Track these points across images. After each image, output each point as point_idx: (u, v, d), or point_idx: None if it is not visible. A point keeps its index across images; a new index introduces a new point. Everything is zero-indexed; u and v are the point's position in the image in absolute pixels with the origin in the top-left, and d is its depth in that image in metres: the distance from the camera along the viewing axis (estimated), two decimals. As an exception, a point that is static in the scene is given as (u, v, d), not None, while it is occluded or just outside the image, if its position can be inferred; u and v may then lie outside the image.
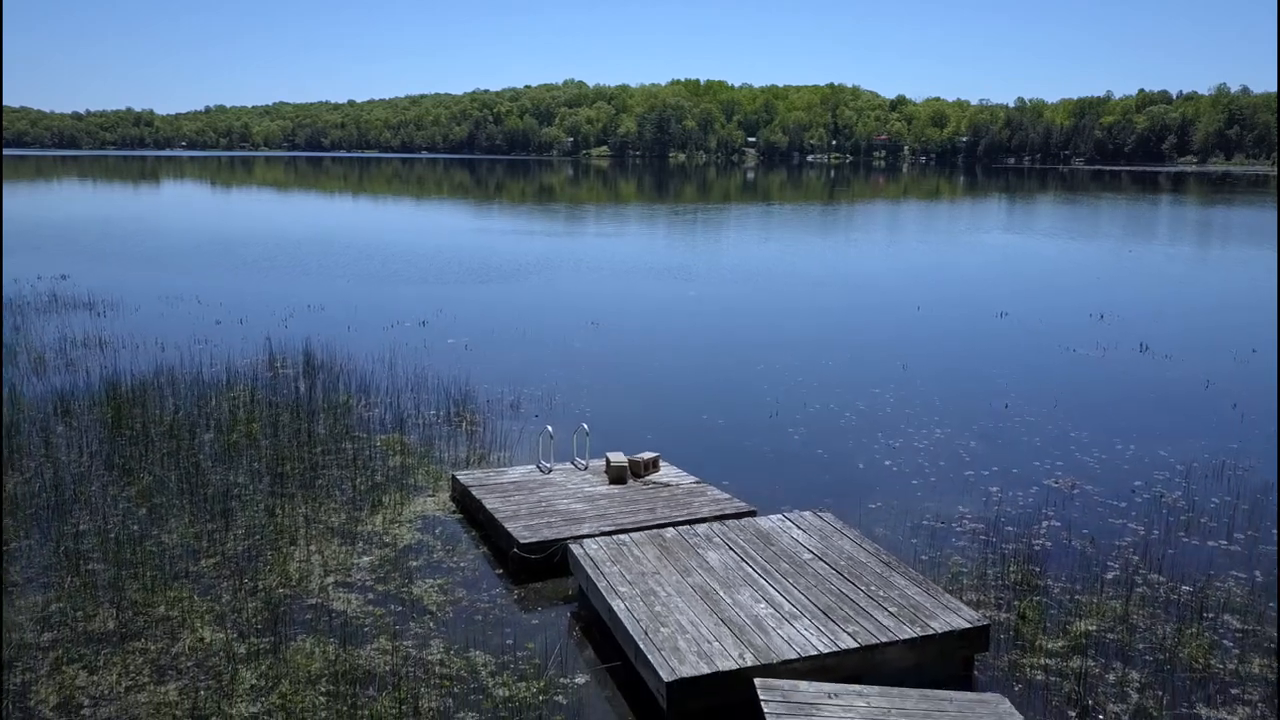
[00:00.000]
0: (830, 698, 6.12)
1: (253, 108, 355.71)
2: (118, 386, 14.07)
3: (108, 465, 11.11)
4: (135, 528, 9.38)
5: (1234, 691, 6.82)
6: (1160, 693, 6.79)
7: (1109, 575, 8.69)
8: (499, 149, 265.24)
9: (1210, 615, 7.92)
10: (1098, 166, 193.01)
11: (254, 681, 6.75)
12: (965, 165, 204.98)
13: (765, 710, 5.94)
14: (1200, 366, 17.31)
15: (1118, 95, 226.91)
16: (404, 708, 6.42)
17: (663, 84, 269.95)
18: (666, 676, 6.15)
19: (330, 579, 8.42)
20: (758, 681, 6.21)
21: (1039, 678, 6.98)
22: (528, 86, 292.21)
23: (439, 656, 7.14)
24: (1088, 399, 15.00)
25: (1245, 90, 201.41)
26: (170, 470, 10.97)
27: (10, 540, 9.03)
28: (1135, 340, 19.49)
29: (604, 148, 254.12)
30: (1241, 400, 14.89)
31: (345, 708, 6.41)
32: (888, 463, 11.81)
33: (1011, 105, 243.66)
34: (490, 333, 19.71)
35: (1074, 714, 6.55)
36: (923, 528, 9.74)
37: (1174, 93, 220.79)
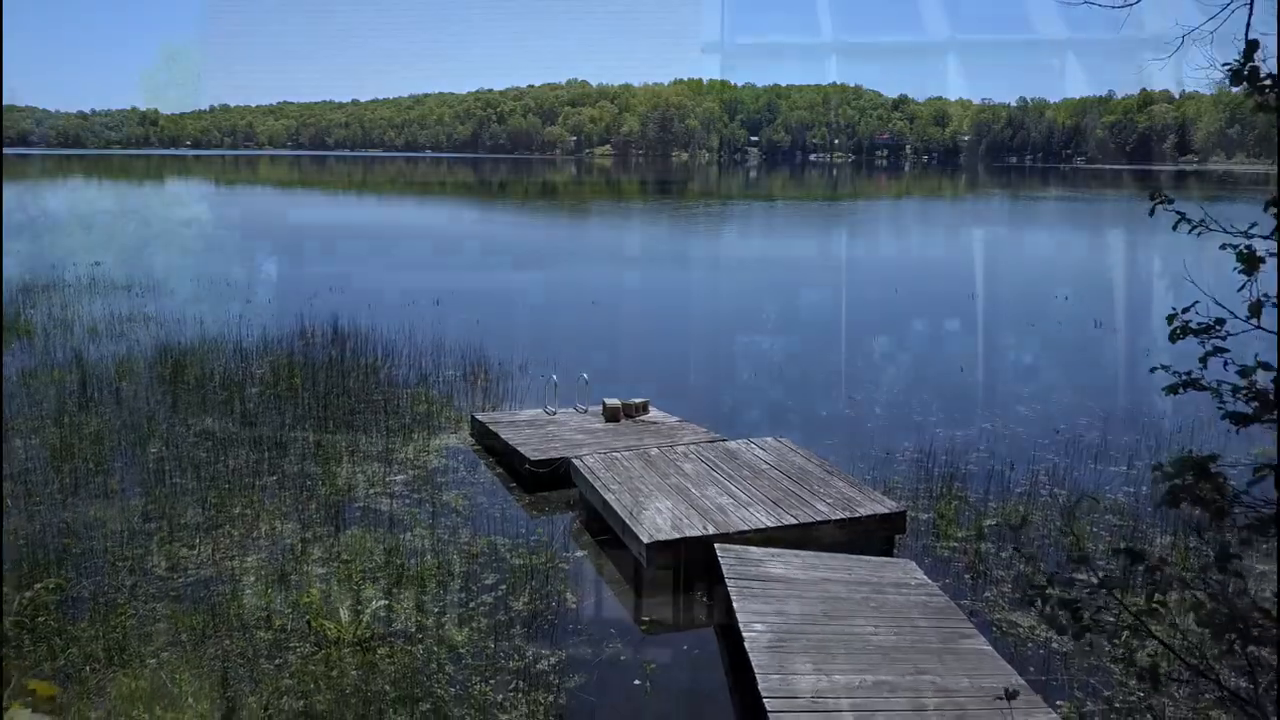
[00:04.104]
0: (772, 557, 7.87)
1: (257, 107, 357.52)
2: (169, 350, 15.86)
3: (173, 409, 12.89)
4: (204, 454, 11.15)
5: (1100, 563, 8.55)
6: (1041, 564, 8.53)
7: (1018, 489, 10.44)
8: (503, 148, 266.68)
9: (1095, 515, 9.67)
10: (1099, 165, 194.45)
11: (321, 553, 8.53)
12: (968, 164, 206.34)
13: (721, 562, 7.69)
14: (1146, 339, 18.99)
15: (1119, 95, 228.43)
16: (441, 570, 8.18)
17: (665, 83, 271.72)
18: (646, 539, 7.91)
19: (374, 490, 10.19)
20: (717, 545, 7.96)
21: (945, 554, 8.74)
22: (531, 86, 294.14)
23: (466, 539, 8.91)
24: (1035, 363, 16.74)
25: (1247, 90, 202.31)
26: (226, 414, 12.74)
27: (105, 461, 10.83)
28: (1092, 317, 21.18)
29: (607, 147, 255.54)
30: (1176, 364, 16.55)
31: (395, 569, 8.17)
32: (848, 411, 13.57)
33: (1014, 104, 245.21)
34: (500, 310, 21.50)
35: (968, 576, 8.30)
36: (869, 455, 11.49)
37: (1176, 92, 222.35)
